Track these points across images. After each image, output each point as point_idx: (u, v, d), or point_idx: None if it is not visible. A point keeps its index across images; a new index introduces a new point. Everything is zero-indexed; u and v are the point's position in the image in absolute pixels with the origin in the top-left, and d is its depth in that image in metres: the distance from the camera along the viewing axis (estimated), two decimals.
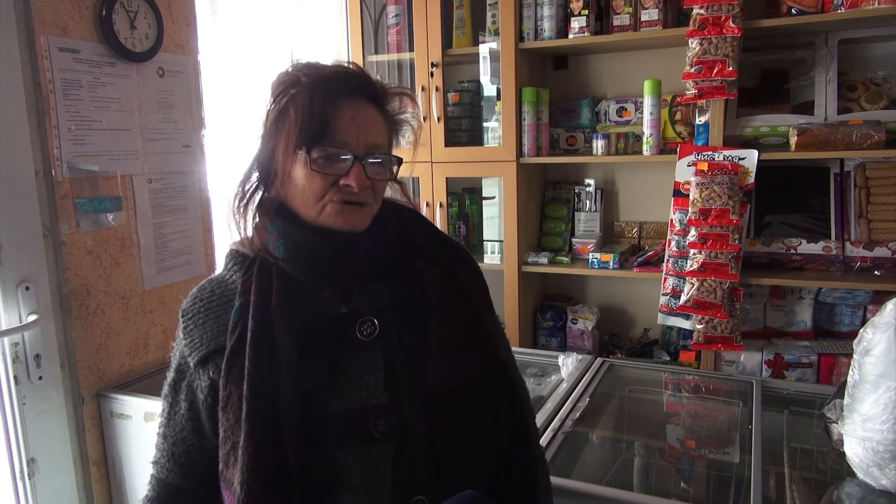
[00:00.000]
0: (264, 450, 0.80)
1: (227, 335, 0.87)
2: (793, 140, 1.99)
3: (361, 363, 0.85)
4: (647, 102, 2.20)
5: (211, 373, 0.88)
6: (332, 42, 2.64)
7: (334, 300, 0.89)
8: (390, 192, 0.97)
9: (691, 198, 2.09)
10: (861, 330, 1.26)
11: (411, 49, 2.50)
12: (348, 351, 0.86)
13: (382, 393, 0.84)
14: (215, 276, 0.96)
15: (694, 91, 2.07)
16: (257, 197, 0.92)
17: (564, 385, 1.76)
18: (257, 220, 0.92)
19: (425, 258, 0.92)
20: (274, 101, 0.87)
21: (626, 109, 2.44)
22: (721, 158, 2.08)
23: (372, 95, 0.89)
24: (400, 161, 0.92)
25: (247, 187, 0.92)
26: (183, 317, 0.93)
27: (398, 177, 0.94)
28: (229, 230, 0.94)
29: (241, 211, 0.92)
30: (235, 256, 0.95)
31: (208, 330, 0.90)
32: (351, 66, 0.91)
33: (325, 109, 0.84)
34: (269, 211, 0.89)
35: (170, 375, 0.94)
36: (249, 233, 0.93)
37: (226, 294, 0.92)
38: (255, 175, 0.92)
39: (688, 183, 2.12)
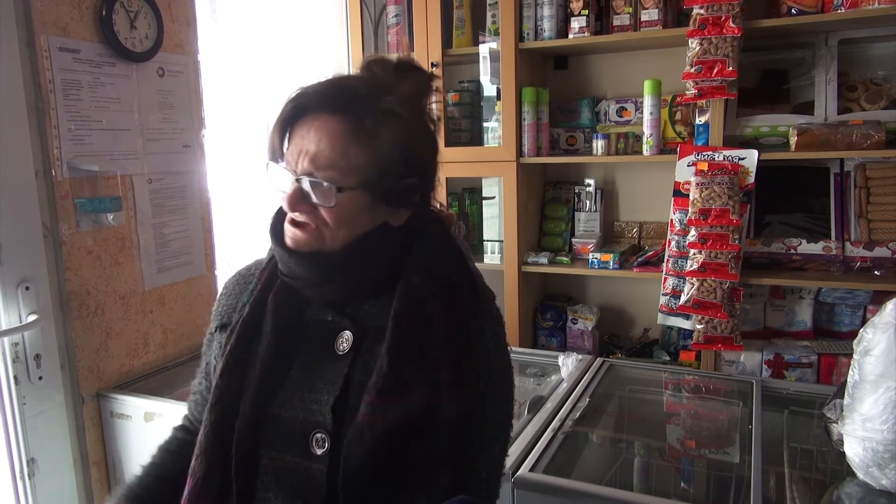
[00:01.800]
0: (217, 430, 0.85)
1: (236, 313, 0.93)
2: (793, 140, 1.99)
3: (325, 376, 0.85)
4: (647, 102, 2.20)
5: (221, 342, 0.93)
6: (332, 42, 2.64)
7: (325, 308, 0.90)
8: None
9: (691, 198, 2.09)
10: (861, 330, 1.26)
11: (411, 49, 2.50)
12: (320, 361, 0.86)
13: (328, 413, 0.82)
14: (262, 258, 1.01)
15: (694, 91, 2.07)
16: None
17: (564, 385, 1.76)
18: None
19: (404, 286, 0.86)
20: None
21: (626, 109, 2.44)
22: (721, 158, 2.08)
23: (343, 107, 0.81)
24: (340, 189, 0.81)
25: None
26: (223, 286, 1.02)
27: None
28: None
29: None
30: None
31: (229, 303, 0.97)
32: (348, 76, 0.88)
33: (283, 128, 0.84)
34: (275, 224, 0.91)
35: (206, 336, 1.01)
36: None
37: (254, 273, 0.98)
38: None
39: (688, 183, 2.12)
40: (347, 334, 0.86)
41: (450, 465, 0.82)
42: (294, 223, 0.86)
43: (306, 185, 0.82)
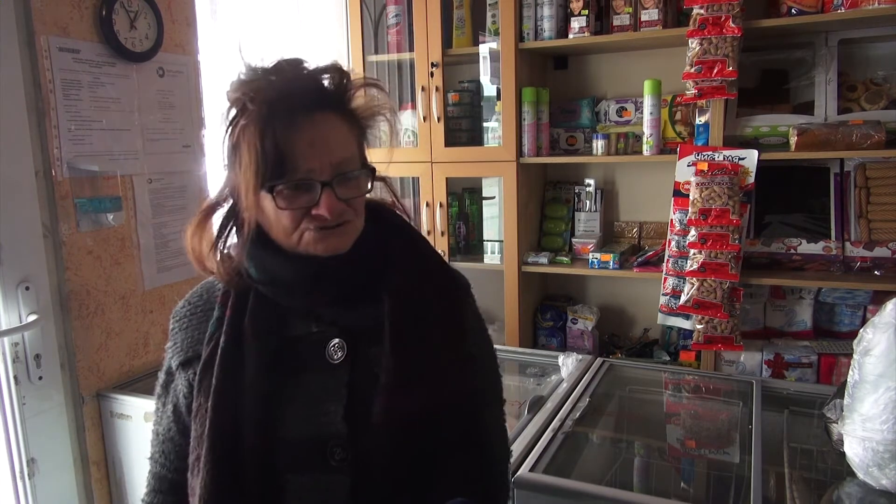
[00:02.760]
0: (222, 467, 0.80)
1: (203, 345, 0.87)
2: (793, 140, 1.99)
3: (327, 388, 0.83)
4: (647, 102, 2.20)
5: (190, 378, 0.88)
6: (332, 42, 2.64)
7: (307, 319, 0.87)
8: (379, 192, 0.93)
9: (691, 198, 2.09)
10: (861, 330, 1.26)
11: (411, 49, 2.50)
12: (316, 374, 0.84)
13: (341, 422, 0.81)
14: (209, 281, 0.95)
15: (694, 91, 2.07)
16: (229, 226, 0.90)
17: (564, 385, 1.76)
18: (235, 243, 0.89)
19: (392, 280, 0.87)
20: (226, 131, 0.82)
21: (626, 109, 2.44)
22: (721, 158, 2.08)
23: (329, 103, 0.83)
24: (373, 171, 0.85)
25: (212, 218, 0.90)
26: (172, 318, 0.94)
27: (379, 174, 0.88)
28: (196, 262, 0.90)
29: (215, 242, 0.88)
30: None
31: (189, 335, 0.90)
32: (302, 71, 0.83)
33: (277, 142, 0.77)
34: (244, 235, 0.85)
35: (161, 376, 0.95)
36: (220, 259, 0.89)
37: (211, 301, 0.91)
38: (228, 203, 0.89)
39: (688, 183, 2.12)
40: (339, 342, 0.84)
41: (469, 442, 0.86)
42: (326, 228, 0.81)
43: (338, 184, 0.80)
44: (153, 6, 1.75)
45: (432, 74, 2.42)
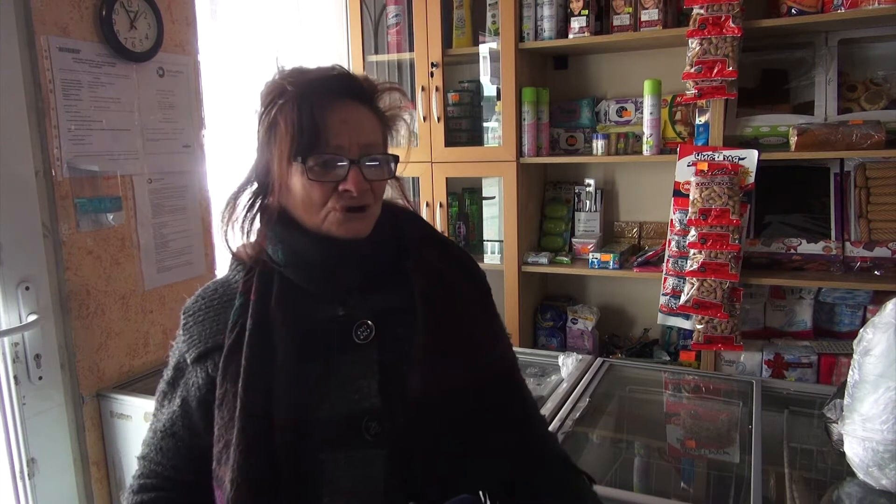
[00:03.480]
0: (256, 449, 0.80)
1: (227, 333, 0.87)
2: (793, 140, 1.99)
3: (356, 366, 0.85)
4: (647, 102, 2.20)
5: (209, 370, 0.88)
6: (332, 42, 2.64)
7: (332, 303, 0.89)
8: (390, 191, 0.96)
9: (691, 198, 2.09)
10: (861, 330, 1.26)
11: (411, 49, 2.50)
12: (344, 354, 0.86)
13: (375, 396, 0.82)
14: (220, 278, 0.97)
15: (694, 91, 2.07)
16: (256, 207, 0.92)
17: (564, 385, 1.76)
18: (259, 227, 0.92)
19: (419, 261, 0.91)
20: (263, 112, 0.87)
21: (626, 109, 2.44)
22: (721, 158, 2.08)
23: (360, 95, 0.89)
24: (397, 159, 0.90)
25: (240, 200, 0.91)
26: (184, 314, 0.94)
27: (396, 175, 0.93)
28: (224, 242, 0.93)
29: (242, 224, 0.91)
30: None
31: (207, 327, 0.91)
32: (336, 68, 0.90)
33: (314, 116, 0.83)
34: (270, 218, 0.89)
35: (167, 373, 0.95)
36: (247, 240, 0.92)
37: (228, 293, 0.92)
38: (254, 186, 0.91)
39: (688, 183, 2.12)
40: (367, 323, 0.86)
41: (515, 416, 0.90)
42: (349, 210, 0.85)
43: (364, 165, 0.85)
44: (153, 6, 1.75)
45: (432, 74, 2.42)
